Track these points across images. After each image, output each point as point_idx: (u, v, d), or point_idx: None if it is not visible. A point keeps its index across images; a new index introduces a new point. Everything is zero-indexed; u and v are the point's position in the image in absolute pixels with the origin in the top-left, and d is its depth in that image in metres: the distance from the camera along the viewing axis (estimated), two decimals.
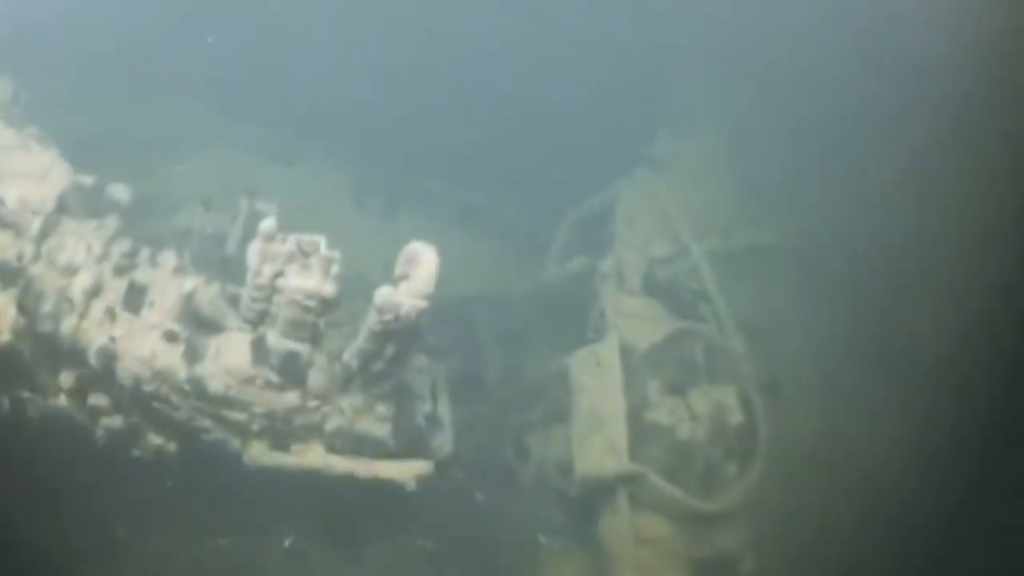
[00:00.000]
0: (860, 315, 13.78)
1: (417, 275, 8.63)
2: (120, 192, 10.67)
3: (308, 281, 8.78)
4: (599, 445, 11.67)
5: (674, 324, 12.86)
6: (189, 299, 9.52)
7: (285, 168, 15.85)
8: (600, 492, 11.91)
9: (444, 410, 10.91)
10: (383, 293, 8.69)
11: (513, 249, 16.54)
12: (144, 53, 15.73)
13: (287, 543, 11.71)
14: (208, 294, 9.92)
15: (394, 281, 8.84)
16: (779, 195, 14.79)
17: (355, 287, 14.25)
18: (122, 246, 9.97)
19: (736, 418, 12.30)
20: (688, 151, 15.25)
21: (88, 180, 10.50)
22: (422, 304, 8.72)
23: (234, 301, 9.91)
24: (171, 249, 10.34)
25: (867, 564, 12.14)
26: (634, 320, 12.81)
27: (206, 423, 9.99)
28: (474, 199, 16.52)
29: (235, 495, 10.83)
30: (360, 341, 9.26)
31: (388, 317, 8.74)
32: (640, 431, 11.80)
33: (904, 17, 13.34)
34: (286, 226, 10.08)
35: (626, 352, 12.16)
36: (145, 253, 10.08)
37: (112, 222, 10.29)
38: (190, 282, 9.62)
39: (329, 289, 8.96)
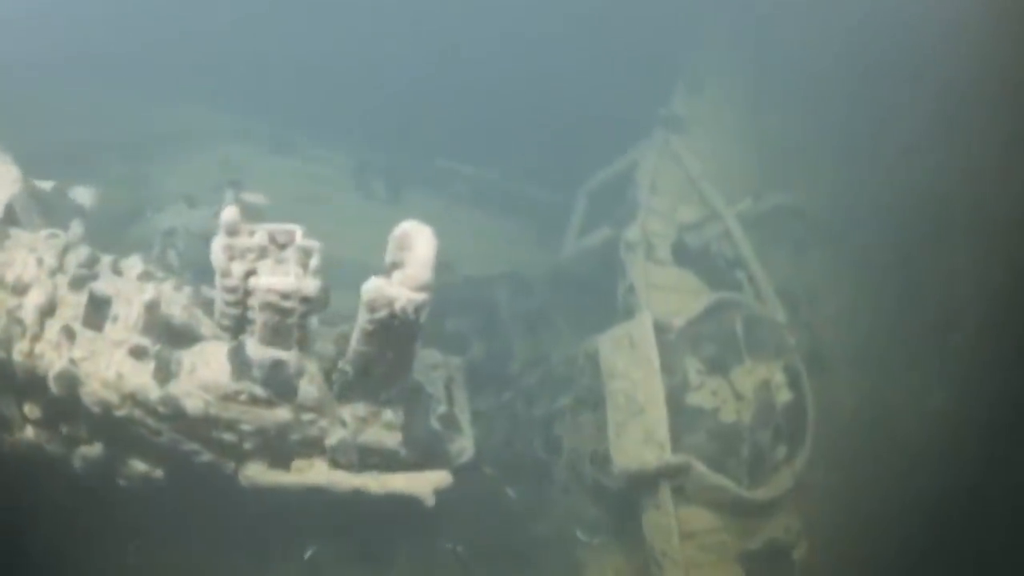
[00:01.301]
0: (896, 281, 12.43)
1: (412, 261, 6.82)
2: (83, 195, 8.92)
3: (283, 279, 6.87)
4: (637, 435, 9.85)
5: (711, 295, 10.96)
6: (153, 309, 7.68)
7: (284, 158, 14.06)
8: (640, 484, 10.12)
9: (462, 410, 9.04)
10: (373, 286, 6.88)
11: (532, 225, 14.82)
12: (132, 50, 14.06)
13: (308, 554, 9.98)
14: (180, 300, 8.12)
15: (386, 270, 7.01)
16: (803, 153, 13.35)
17: (363, 278, 12.89)
18: (79, 255, 8.14)
19: (784, 396, 10.46)
20: (707, 110, 13.44)
21: (46, 186, 8.77)
22: (420, 297, 6.89)
23: (210, 307, 8.08)
24: (137, 254, 8.53)
25: (921, 542, 10.66)
26: (666, 293, 10.97)
27: (193, 446, 8.21)
28: (486, 175, 14.68)
29: (240, 516, 9.14)
30: (354, 343, 7.42)
31: (382, 314, 6.92)
32: (681, 416, 10.01)
33: None
34: (286, 217, 8.74)
35: (660, 330, 10.31)
36: (106, 261, 8.24)
37: (75, 228, 8.55)
38: (151, 289, 7.74)
39: (309, 286, 7.10)
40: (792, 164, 13.37)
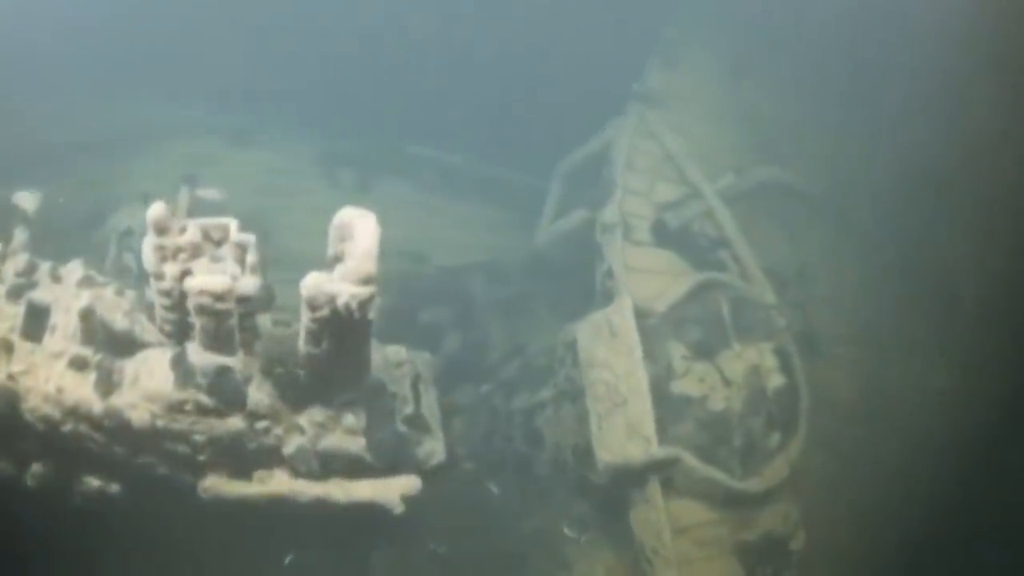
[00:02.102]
0: (890, 255, 12.12)
1: (353, 253, 6.05)
2: (27, 201, 8.13)
3: (214, 278, 6.09)
4: (621, 428, 9.14)
5: (694, 276, 10.22)
6: (89, 316, 6.91)
7: (249, 150, 13.24)
8: (626, 479, 9.41)
9: (431, 410, 8.25)
10: (311, 282, 6.10)
11: (508, 210, 14.05)
12: (90, 47, 13.27)
13: (287, 560, 9.27)
14: (122, 305, 7.35)
15: (328, 263, 6.27)
16: (788, 126, 12.71)
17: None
18: (17, 264, 7.38)
19: (776, 380, 9.76)
20: (683, 83, 12.60)
21: None
22: (364, 291, 6.11)
23: (153, 311, 7.30)
24: (77, 259, 7.76)
25: (923, 527, 10.44)
26: (647, 276, 10.21)
27: (147, 459, 7.48)
28: (459, 160, 13.84)
29: (210, 527, 8.42)
30: (301, 344, 6.67)
31: (324, 312, 6.17)
32: (667, 406, 9.30)
33: None
34: (252, 212, 8.46)
35: (642, 315, 9.59)
36: (45, 268, 7.48)
37: (18, 236, 7.77)
38: (85, 296, 6.96)
39: (247, 284, 6.34)
40: (776, 137, 12.69)
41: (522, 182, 14.00)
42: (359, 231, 5.96)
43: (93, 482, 7.74)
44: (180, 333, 6.93)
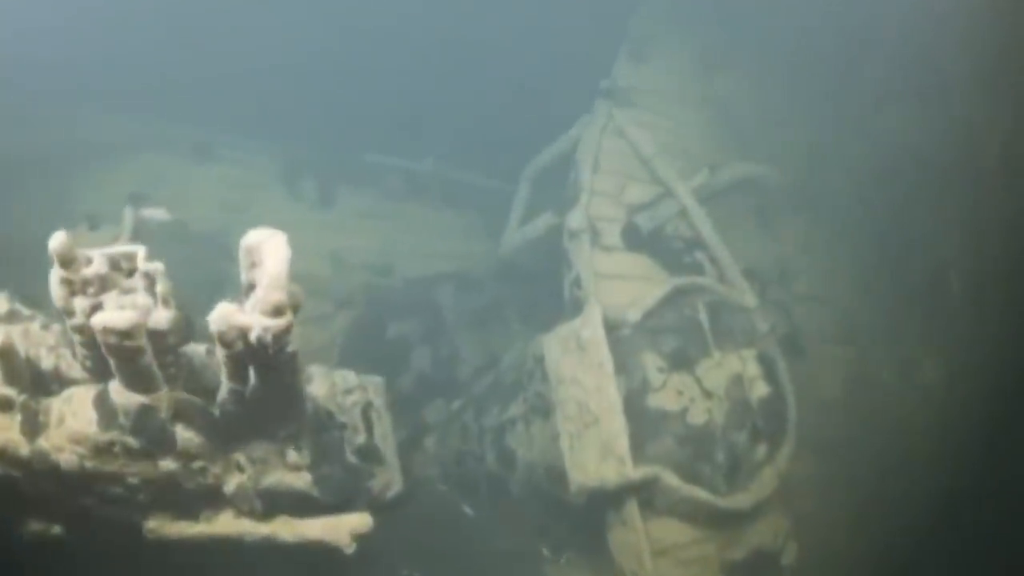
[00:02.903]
0: (874, 246, 11.57)
1: (262, 280, 5.24)
2: None
3: (118, 315, 5.33)
4: (594, 448, 8.43)
5: (669, 281, 9.49)
6: (7, 355, 6.17)
7: (206, 164, 12.46)
8: (602, 501, 8.71)
9: (385, 439, 7.53)
10: (219, 315, 5.31)
11: (475, 216, 13.32)
12: (42, 58, 12.46)
13: None
14: (48, 341, 6.62)
15: (243, 291, 5.51)
16: (760, 119, 12.09)
17: (309, 288, 11.40)
18: None
19: (760, 389, 9.08)
20: (652, 78, 11.86)
21: None
22: (277, 324, 5.29)
23: None
24: (3, 292, 7.01)
25: (920, 529, 9.81)
26: (618, 283, 9.49)
27: (86, 500, 6.76)
28: (421, 167, 13.11)
29: (160, 570, 7.72)
30: (223, 379, 5.94)
31: (238, 348, 5.42)
32: (644, 422, 8.58)
33: None
34: (213, 230, 8.34)
35: (613, 326, 8.86)
36: None
37: None
38: (6, 332, 6.21)
39: (159, 318, 5.60)
40: (750, 130, 12.05)
41: (490, 186, 13.28)
42: (267, 255, 5.17)
43: (34, 524, 7.06)
44: (101, 370, 6.20)
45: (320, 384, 7.29)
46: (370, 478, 7.26)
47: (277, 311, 5.11)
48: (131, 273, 5.56)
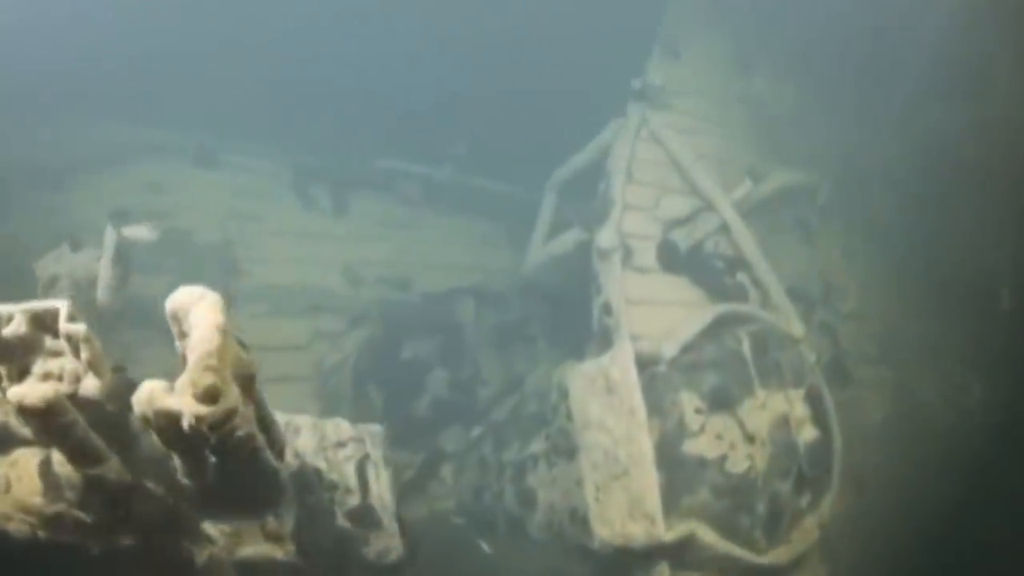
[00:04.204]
0: (916, 257, 10.60)
1: (191, 354, 4.06)
2: None
3: (33, 390, 4.24)
4: (621, 503, 7.28)
5: (710, 309, 8.30)
6: None
7: (210, 171, 11.47)
8: (630, 557, 7.59)
9: (382, 498, 6.44)
10: (144, 396, 4.14)
11: (497, 224, 12.21)
12: (40, 67, 11.54)
13: None
14: None
15: (180, 358, 4.37)
16: (796, 120, 11.13)
17: (310, 305, 10.79)
18: None
19: (808, 433, 7.89)
20: (687, 77, 10.69)
21: None
22: (212, 413, 4.01)
23: None
24: None
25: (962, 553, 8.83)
26: (652, 309, 8.31)
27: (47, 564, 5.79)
28: (439, 173, 11.95)
29: None
30: (175, 461, 4.87)
31: (175, 435, 4.29)
32: (678, 471, 7.42)
33: None
34: (219, 241, 7.96)
35: (647, 362, 7.70)
36: None
37: None
38: None
39: (86, 387, 4.50)
40: (787, 131, 10.95)
41: (512, 193, 12.14)
42: (195, 325, 4.00)
43: None
44: (42, 436, 5.19)
45: (308, 437, 6.24)
46: (364, 544, 6.20)
47: (208, 397, 3.96)
48: (52, 333, 4.48)
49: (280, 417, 6.09)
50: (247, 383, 4.25)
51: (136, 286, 9.95)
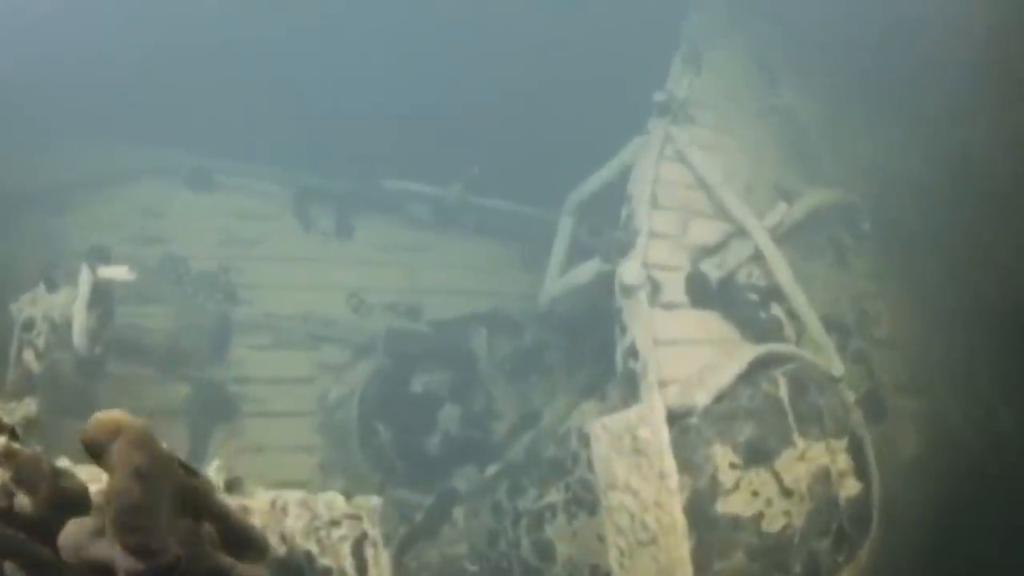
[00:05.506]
0: (945, 279, 9.82)
1: (108, 509, 2.94)
2: None
3: None
4: (649, 572, 6.46)
5: (745, 350, 7.40)
6: None
7: (207, 193, 10.77)
8: None
9: None
10: (68, 541, 3.11)
11: (511, 246, 11.37)
12: (33, 86, 10.91)
13: None
14: None
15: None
16: (825, 134, 10.41)
17: (325, 334, 10.35)
18: None
19: (851, 487, 7.08)
20: (711, 88, 9.82)
21: None
22: (150, 571, 3.15)
23: None
24: None
25: None
26: (683, 350, 7.42)
27: None
28: (448, 193, 11.13)
29: None
30: None
31: None
32: (711, 533, 6.58)
33: None
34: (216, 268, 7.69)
35: (678, 415, 6.83)
36: None
37: None
38: None
39: (22, 504, 3.68)
40: (815, 146, 10.14)
41: (526, 213, 11.31)
42: (113, 466, 3.13)
43: None
44: None
45: (297, 516, 5.44)
46: None
47: (139, 554, 3.13)
48: None
49: (264, 496, 5.35)
50: (199, 508, 3.45)
51: (130, 316, 9.31)
